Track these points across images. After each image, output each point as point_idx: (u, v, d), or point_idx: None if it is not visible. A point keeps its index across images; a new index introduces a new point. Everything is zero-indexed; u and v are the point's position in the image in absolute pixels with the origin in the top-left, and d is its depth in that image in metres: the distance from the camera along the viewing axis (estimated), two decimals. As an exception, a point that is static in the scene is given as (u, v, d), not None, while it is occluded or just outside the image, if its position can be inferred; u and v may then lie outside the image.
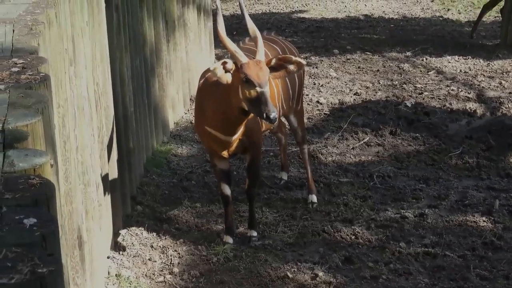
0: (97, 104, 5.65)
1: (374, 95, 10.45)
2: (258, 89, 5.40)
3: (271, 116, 5.33)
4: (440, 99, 10.24)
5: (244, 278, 5.79)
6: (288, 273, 5.83)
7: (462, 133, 9.00)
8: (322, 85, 10.88)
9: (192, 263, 6.02)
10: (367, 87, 10.81)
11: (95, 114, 5.57)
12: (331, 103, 10.07)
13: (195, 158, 8.20)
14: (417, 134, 8.83)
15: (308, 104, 9.92)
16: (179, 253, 6.15)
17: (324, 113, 9.67)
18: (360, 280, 5.78)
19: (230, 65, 5.51)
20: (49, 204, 2.30)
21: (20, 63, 3.43)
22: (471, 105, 9.95)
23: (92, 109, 5.46)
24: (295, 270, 5.91)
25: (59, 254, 2.14)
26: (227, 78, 5.51)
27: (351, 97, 10.34)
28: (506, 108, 9.84)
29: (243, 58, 5.52)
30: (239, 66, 5.49)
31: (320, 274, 5.84)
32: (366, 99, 10.27)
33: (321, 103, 10.04)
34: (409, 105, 9.93)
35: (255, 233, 6.36)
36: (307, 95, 10.26)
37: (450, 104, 10.01)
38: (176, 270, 5.90)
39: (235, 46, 5.61)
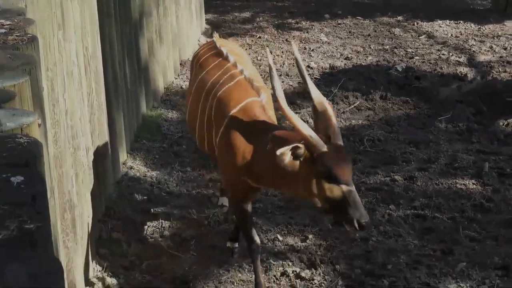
0: (86, 68, 5.62)
1: (365, 59, 10.44)
2: (344, 187, 4.15)
3: (365, 224, 4.15)
4: (431, 63, 10.24)
5: (234, 241, 5.82)
6: (279, 236, 5.87)
7: (452, 97, 9.01)
8: (313, 50, 10.85)
9: (183, 227, 6.05)
10: (358, 52, 10.80)
11: (84, 79, 5.54)
12: (322, 67, 10.05)
13: (186, 123, 8.18)
14: (408, 98, 8.84)
15: (298, 68, 9.89)
16: (169, 217, 6.18)
17: (315, 78, 9.65)
18: (350, 242, 5.82)
19: (302, 151, 4.20)
20: (37, 163, 2.31)
21: (7, 25, 3.42)
22: (461, 69, 9.95)
23: (81, 74, 5.44)
24: (285, 232, 5.95)
25: (47, 211, 2.15)
26: (295, 166, 4.26)
27: (341, 61, 10.34)
28: (496, 72, 9.85)
29: (321, 145, 4.19)
30: (316, 155, 4.20)
31: (310, 236, 5.88)
32: (356, 63, 10.26)
33: (311, 68, 10.03)
34: (400, 69, 9.93)
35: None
36: (297, 60, 10.23)
37: (441, 68, 10.02)
38: (167, 233, 5.93)
39: (308, 128, 4.24)
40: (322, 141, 4.21)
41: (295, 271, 5.43)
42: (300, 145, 4.17)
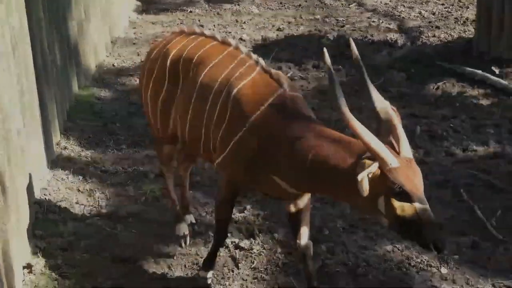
0: (14, 50, 5.53)
1: (297, 29, 10.49)
2: (417, 205, 3.77)
3: (441, 246, 3.83)
4: (361, 31, 10.35)
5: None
6: (216, 208, 5.90)
7: (384, 63, 9.16)
8: (244, 22, 10.85)
9: (120, 204, 6.02)
10: (290, 22, 10.84)
11: (12, 60, 5.46)
12: (254, 39, 10.07)
13: (119, 101, 8.13)
14: (340, 66, 8.92)
15: (231, 41, 9.91)
16: (106, 195, 6.15)
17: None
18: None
19: (374, 168, 3.79)
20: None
21: None
22: (392, 36, 10.09)
23: (9, 55, 5.35)
24: (224, 204, 5.97)
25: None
26: (367, 189, 3.81)
27: (274, 32, 10.37)
28: (426, 37, 10.01)
29: (391, 158, 3.79)
30: (387, 170, 3.79)
31: (248, 207, 5.92)
32: (289, 34, 10.31)
33: (244, 40, 10.03)
34: (332, 38, 10.01)
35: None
36: (229, 32, 10.26)
37: (372, 35, 10.13)
38: (104, 211, 5.90)
39: (378, 141, 3.81)
40: (392, 155, 3.80)
41: (234, 242, 5.46)
42: (375, 164, 3.76)
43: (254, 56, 4.60)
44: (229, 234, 5.51)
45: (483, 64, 8.75)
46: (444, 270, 5.14)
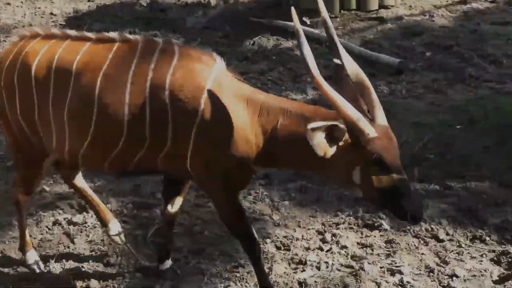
0: None
1: (109, -1, 10.40)
2: (395, 176, 3.61)
3: (418, 217, 3.73)
4: (174, -6, 10.39)
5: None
6: (45, 187, 5.82)
7: (199, 24, 9.25)
8: (54, -4, 10.63)
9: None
10: (101, -8, 10.71)
11: None
12: (66, 12, 9.88)
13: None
14: (156, 32, 8.94)
15: (41, 17, 9.67)
16: None
17: (60, 24, 9.49)
18: (118, 180, 5.82)
19: (341, 133, 3.60)
20: None
21: None
22: (204, -4, 10.20)
23: None
24: (52, 182, 5.90)
25: None
26: (327, 151, 3.60)
27: (85, 4, 10.21)
28: (240, -5, 10.21)
29: (369, 129, 3.59)
30: (365, 141, 3.59)
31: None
32: (100, 4, 10.19)
33: (55, 14, 9.83)
34: (145, 4, 9.98)
35: None
36: (39, 7, 9.99)
37: (185, -2, 10.20)
38: None
39: (353, 109, 3.58)
40: (370, 124, 3.60)
41: (67, 218, 5.38)
42: (341, 125, 3.56)
43: (159, 39, 4.09)
44: (60, 211, 5.46)
45: (294, 16, 9.00)
46: (276, 217, 5.30)
